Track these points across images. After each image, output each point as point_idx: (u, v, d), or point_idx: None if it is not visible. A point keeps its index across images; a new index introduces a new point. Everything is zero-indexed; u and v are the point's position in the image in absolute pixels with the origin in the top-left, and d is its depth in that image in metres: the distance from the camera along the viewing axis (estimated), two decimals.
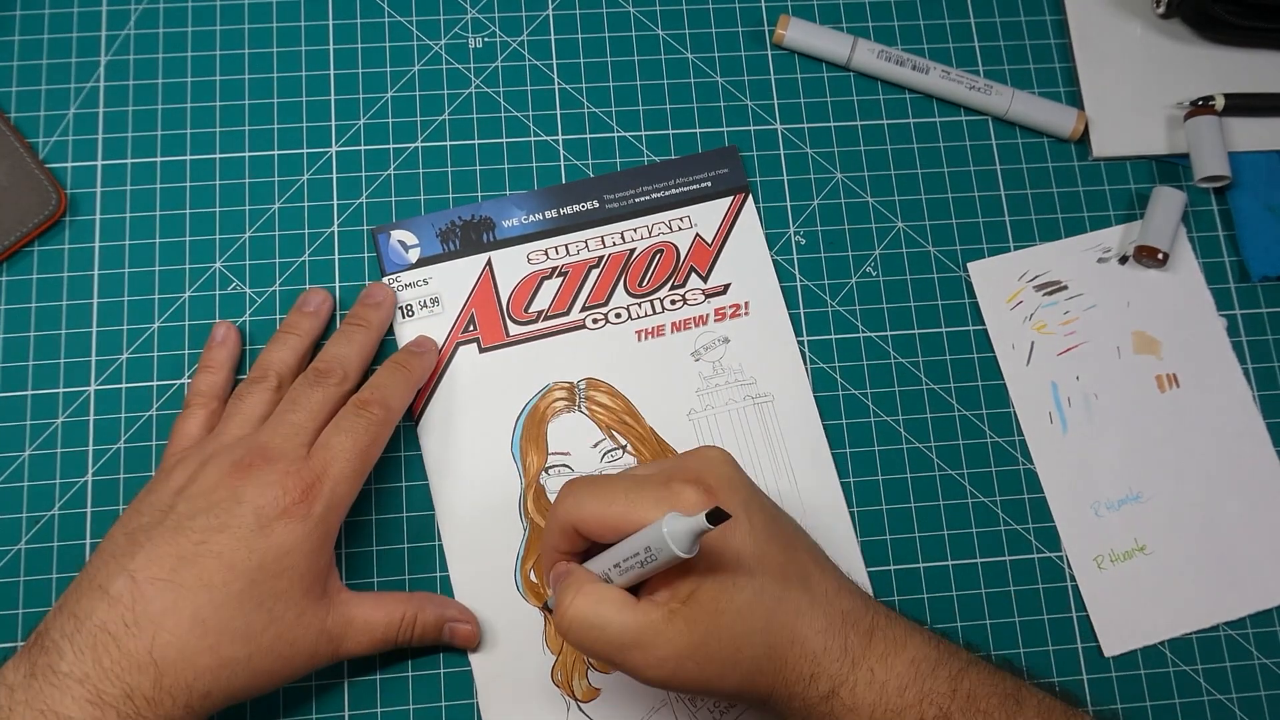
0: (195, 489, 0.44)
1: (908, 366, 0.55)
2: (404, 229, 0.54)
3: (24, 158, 0.53)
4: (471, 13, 0.58)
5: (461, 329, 0.53)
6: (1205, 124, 0.57)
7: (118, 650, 0.41)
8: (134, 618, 0.41)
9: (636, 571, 0.41)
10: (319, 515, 0.44)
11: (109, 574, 0.42)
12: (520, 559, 0.51)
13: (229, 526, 0.43)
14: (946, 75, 0.57)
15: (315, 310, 0.52)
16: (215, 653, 0.42)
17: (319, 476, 0.45)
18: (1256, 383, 0.55)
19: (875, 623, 0.43)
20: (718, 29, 0.59)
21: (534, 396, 0.53)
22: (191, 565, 0.42)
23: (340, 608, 0.46)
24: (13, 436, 0.51)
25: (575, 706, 0.49)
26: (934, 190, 0.57)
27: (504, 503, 0.51)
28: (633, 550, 0.40)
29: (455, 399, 0.52)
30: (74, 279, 0.53)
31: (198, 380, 0.50)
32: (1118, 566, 0.52)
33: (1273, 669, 0.52)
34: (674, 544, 0.38)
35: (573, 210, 0.55)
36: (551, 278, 0.54)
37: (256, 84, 0.56)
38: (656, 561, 0.40)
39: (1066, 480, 0.53)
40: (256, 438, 0.46)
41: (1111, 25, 0.60)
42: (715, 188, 0.56)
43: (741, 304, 0.54)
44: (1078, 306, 0.56)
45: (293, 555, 0.43)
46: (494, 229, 0.55)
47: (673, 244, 0.55)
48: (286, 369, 0.50)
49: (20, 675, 0.40)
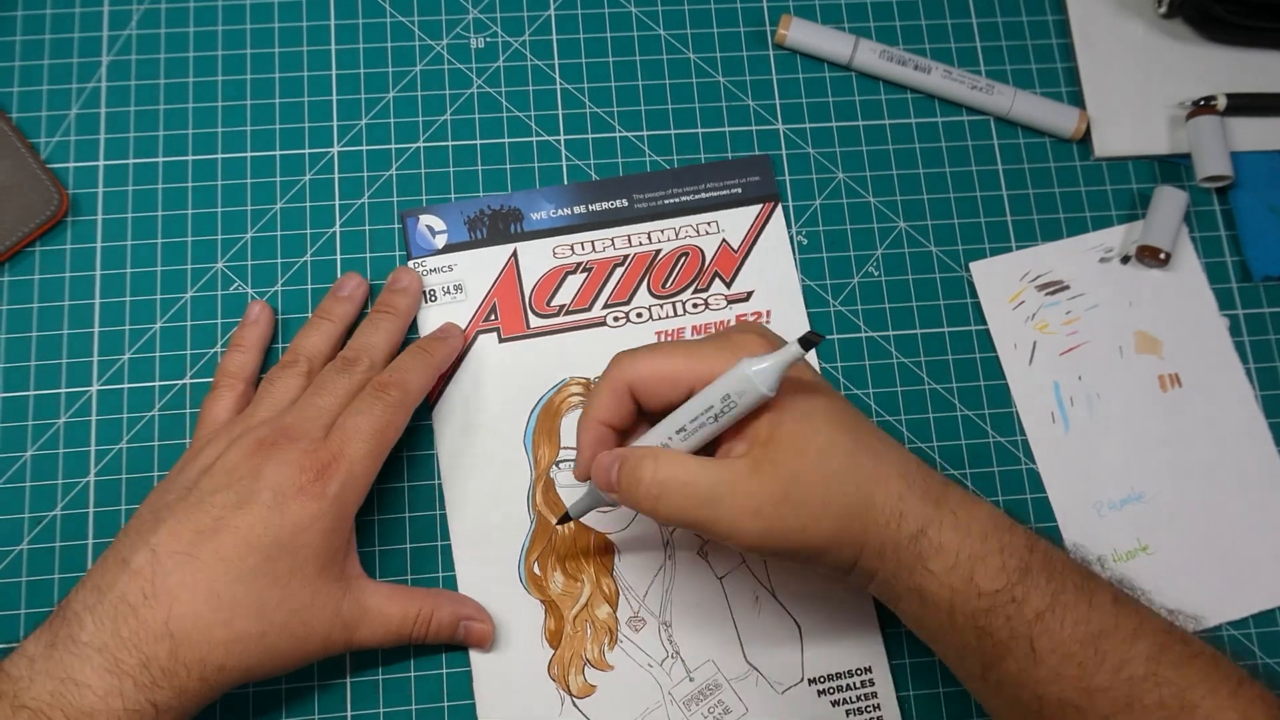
0: (219, 467, 0.45)
1: (910, 366, 0.55)
2: (433, 214, 0.55)
3: (26, 158, 0.53)
4: (473, 13, 0.58)
5: (483, 317, 0.54)
6: (1207, 124, 0.57)
7: (135, 620, 0.41)
8: (152, 589, 0.42)
9: (709, 428, 0.41)
10: (334, 494, 0.44)
11: (132, 548, 0.43)
12: (525, 551, 0.51)
13: (247, 503, 0.43)
14: (948, 75, 0.57)
15: (350, 295, 0.52)
16: (229, 626, 0.42)
17: (335, 456, 0.45)
18: (1258, 382, 0.55)
19: (946, 480, 0.43)
20: (720, 29, 0.59)
21: (550, 390, 0.53)
22: (209, 539, 0.43)
23: (356, 594, 0.46)
24: (15, 437, 0.51)
25: (570, 702, 0.49)
26: (936, 190, 0.57)
27: (513, 494, 0.52)
28: (705, 405, 0.40)
29: (472, 387, 0.53)
30: (76, 279, 0.53)
31: (228, 359, 0.51)
32: (1120, 566, 0.52)
33: (1275, 668, 0.52)
34: (760, 382, 0.39)
35: (601, 207, 0.55)
36: (576, 273, 0.54)
37: (258, 84, 0.56)
38: (736, 409, 0.40)
39: (1069, 480, 0.53)
40: (281, 419, 0.46)
41: (1113, 25, 0.60)
42: (745, 194, 0.56)
43: (764, 312, 0.54)
44: (1080, 306, 0.56)
45: (308, 533, 0.44)
46: (522, 220, 0.55)
47: (699, 248, 0.55)
48: (319, 354, 0.50)
49: (41, 646, 0.41)
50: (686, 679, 0.50)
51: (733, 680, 0.50)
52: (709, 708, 0.49)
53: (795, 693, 0.50)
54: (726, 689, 0.50)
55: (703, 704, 0.49)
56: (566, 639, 0.50)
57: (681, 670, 0.50)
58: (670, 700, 0.49)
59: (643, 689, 0.49)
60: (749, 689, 0.50)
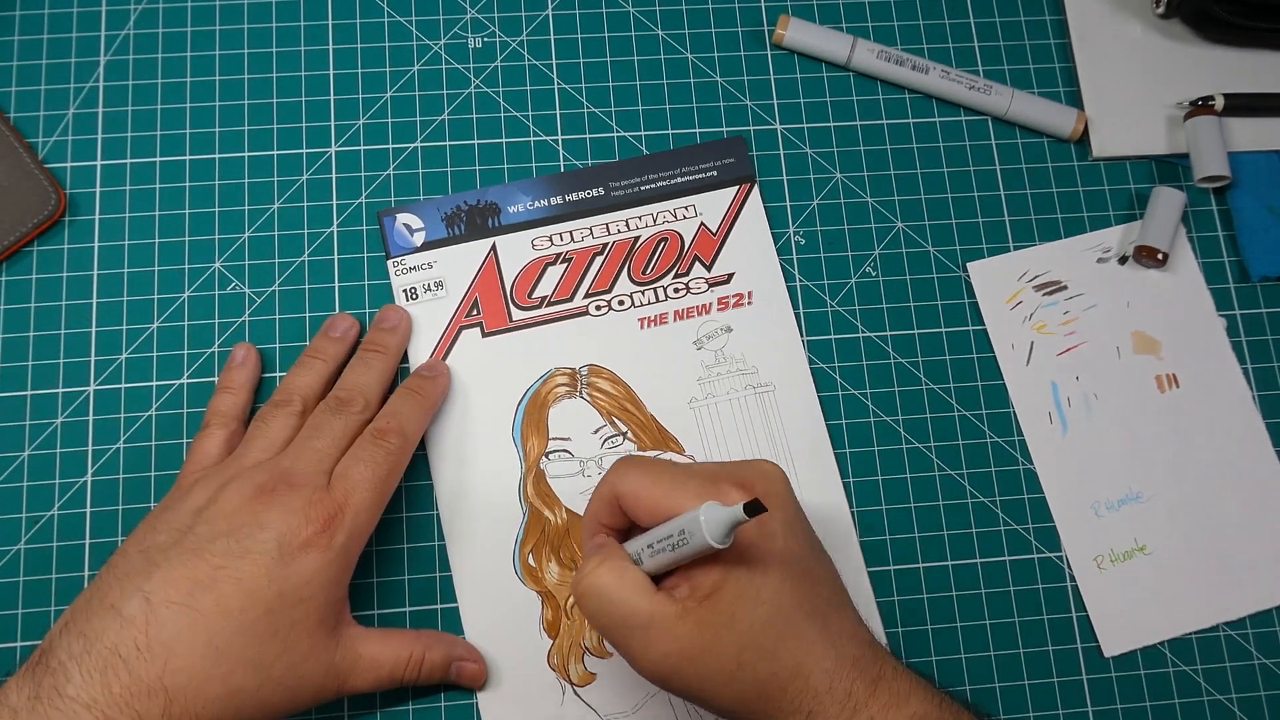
0: (216, 510, 0.43)
1: (907, 367, 0.55)
2: (409, 212, 0.55)
3: (23, 158, 0.53)
4: (471, 13, 0.58)
5: (465, 313, 0.54)
6: (1205, 124, 0.57)
7: (128, 675, 0.40)
8: (147, 642, 0.40)
9: (667, 556, 0.40)
10: (340, 546, 0.44)
11: (123, 594, 0.41)
12: (519, 543, 0.51)
13: (251, 552, 0.42)
14: (946, 75, 0.57)
15: (341, 336, 0.52)
16: (227, 681, 0.41)
17: (340, 507, 0.44)
18: (1256, 383, 0.55)
19: (882, 672, 0.41)
20: (717, 29, 0.59)
21: (536, 381, 0.53)
22: (209, 590, 0.41)
23: (349, 643, 0.45)
24: (12, 436, 0.51)
25: (571, 691, 0.49)
26: (933, 190, 0.57)
27: (504, 487, 0.52)
28: (666, 533, 0.40)
29: (458, 383, 0.53)
30: (73, 279, 0.53)
31: (217, 400, 0.50)
32: (1118, 566, 0.52)
33: (1273, 669, 0.52)
34: (708, 531, 0.38)
35: (578, 197, 0.55)
36: (555, 264, 0.54)
37: (256, 84, 0.56)
38: (688, 546, 0.39)
39: (1066, 480, 0.53)
40: (279, 463, 0.45)
41: (1111, 25, 0.60)
42: (721, 177, 0.56)
43: (745, 293, 0.54)
44: (1077, 306, 0.56)
45: (312, 585, 0.43)
46: (499, 214, 0.55)
47: (677, 232, 0.55)
48: (311, 394, 0.49)
49: (24, 697, 0.39)
50: None
51: None
52: None
53: None
54: None
55: None
56: (565, 628, 0.50)
57: None
58: None
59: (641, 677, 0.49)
60: None
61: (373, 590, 0.50)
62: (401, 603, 0.50)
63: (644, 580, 0.41)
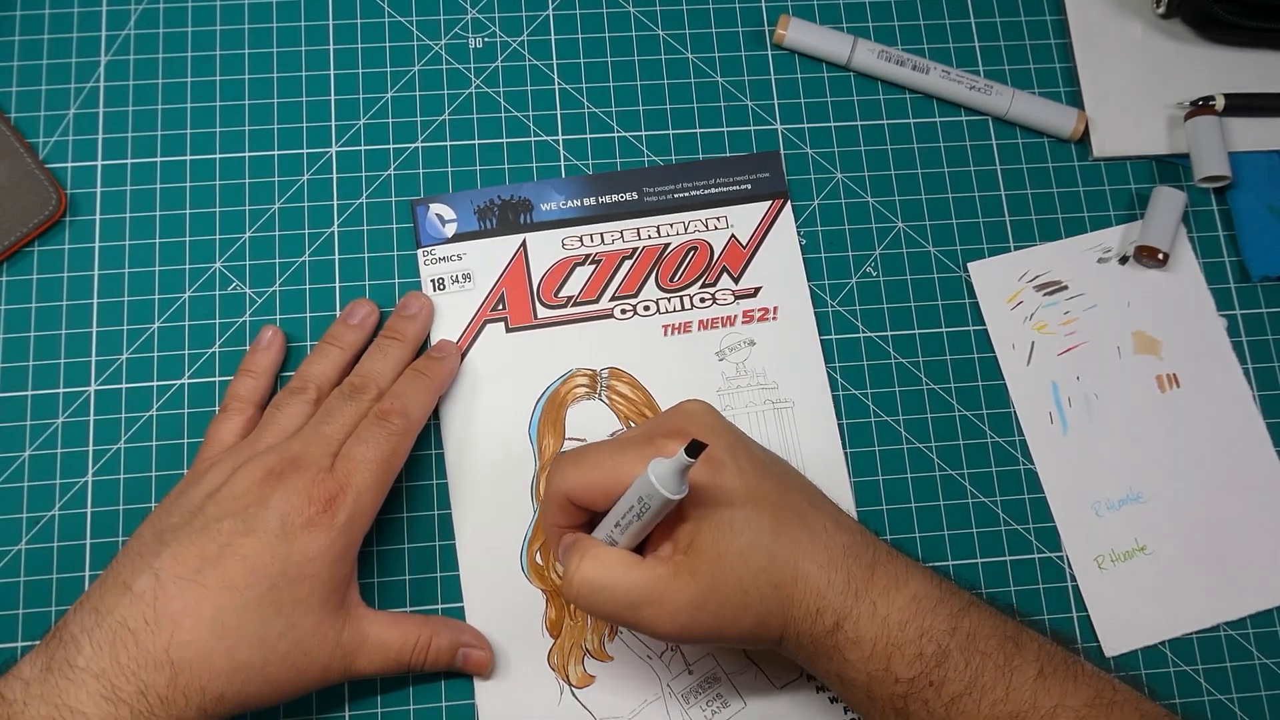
0: (225, 493, 0.44)
1: (908, 367, 0.55)
2: (443, 203, 0.55)
3: (24, 158, 0.53)
4: (472, 13, 0.58)
5: (491, 307, 0.54)
6: (1205, 124, 0.57)
7: (135, 646, 0.41)
8: (154, 615, 0.41)
9: (635, 526, 0.41)
10: (342, 525, 0.44)
11: (134, 571, 0.42)
12: (527, 540, 0.51)
13: (255, 530, 0.43)
14: (947, 75, 0.57)
15: (360, 323, 0.52)
16: (231, 655, 0.42)
17: (342, 487, 0.45)
18: (1257, 383, 0.55)
19: (876, 557, 0.43)
20: (718, 29, 0.59)
21: (556, 380, 0.53)
22: (215, 566, 0.42)
23: (356, 623, 0.46)
24: (13, 437, 0.51)
25: (569, 692, 0.49)
26: (934, 190, 0.57)
27: (517, 483, 0.52)
28: (627, 505, 0.41)
29: (478, 376, 0.53)
30: (74, 279, 0.53)
31: (238, 384, 0.51)
32: (1118, 566, 0.52)
33: (1273, 669, 0.52)
34: (661, 486, 0.39)
35: (611, 200, 0.55)
36: (584, 264, 0.54)
37: (256, 84, 0.56)
38: (651, 510, 0.40)
39: (1067, 480, 0.53)
40: (289, 447, 0.46)
41: (1112, 25, 0.60)
42: (755, 190, 0.56)
43: (770, 308, 0.54)
44: (1078, 306, 0.56)
45: (315, 563, 0.43)
46: (531, 211, 0.55)
47: (707, 242, 0.55)
48: (327, 381, 0.50)
49: (36, 670, 0.41)
50: (685, 672, 0.50)
51: (732, 675, 0.50)
52: (707, 701, 0.49)
53: (793, 689, 0.50)
54: (725, 683, 0.50)
55: (701, 697, 0.50)
56: (567, 629, 0.50)
57: (681, 663, 0.50)
58: (669, 693, 0.49)
59: (642, 681, 0.49)
60: (748, 684, 0.50)
61: (373, 591, 0.50)
62: (403, 602, 0.50)
63: (628, 556, 0.42)
